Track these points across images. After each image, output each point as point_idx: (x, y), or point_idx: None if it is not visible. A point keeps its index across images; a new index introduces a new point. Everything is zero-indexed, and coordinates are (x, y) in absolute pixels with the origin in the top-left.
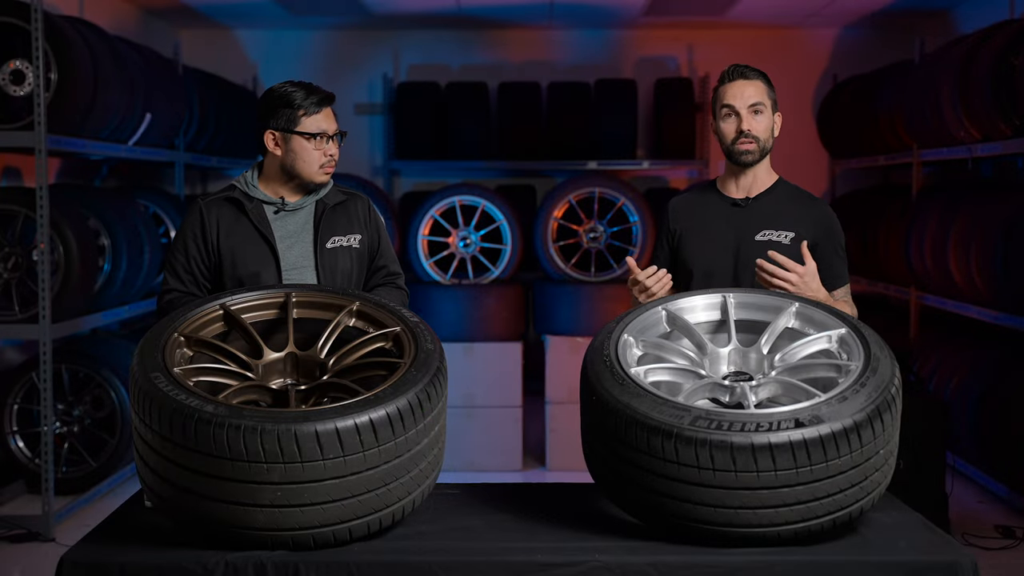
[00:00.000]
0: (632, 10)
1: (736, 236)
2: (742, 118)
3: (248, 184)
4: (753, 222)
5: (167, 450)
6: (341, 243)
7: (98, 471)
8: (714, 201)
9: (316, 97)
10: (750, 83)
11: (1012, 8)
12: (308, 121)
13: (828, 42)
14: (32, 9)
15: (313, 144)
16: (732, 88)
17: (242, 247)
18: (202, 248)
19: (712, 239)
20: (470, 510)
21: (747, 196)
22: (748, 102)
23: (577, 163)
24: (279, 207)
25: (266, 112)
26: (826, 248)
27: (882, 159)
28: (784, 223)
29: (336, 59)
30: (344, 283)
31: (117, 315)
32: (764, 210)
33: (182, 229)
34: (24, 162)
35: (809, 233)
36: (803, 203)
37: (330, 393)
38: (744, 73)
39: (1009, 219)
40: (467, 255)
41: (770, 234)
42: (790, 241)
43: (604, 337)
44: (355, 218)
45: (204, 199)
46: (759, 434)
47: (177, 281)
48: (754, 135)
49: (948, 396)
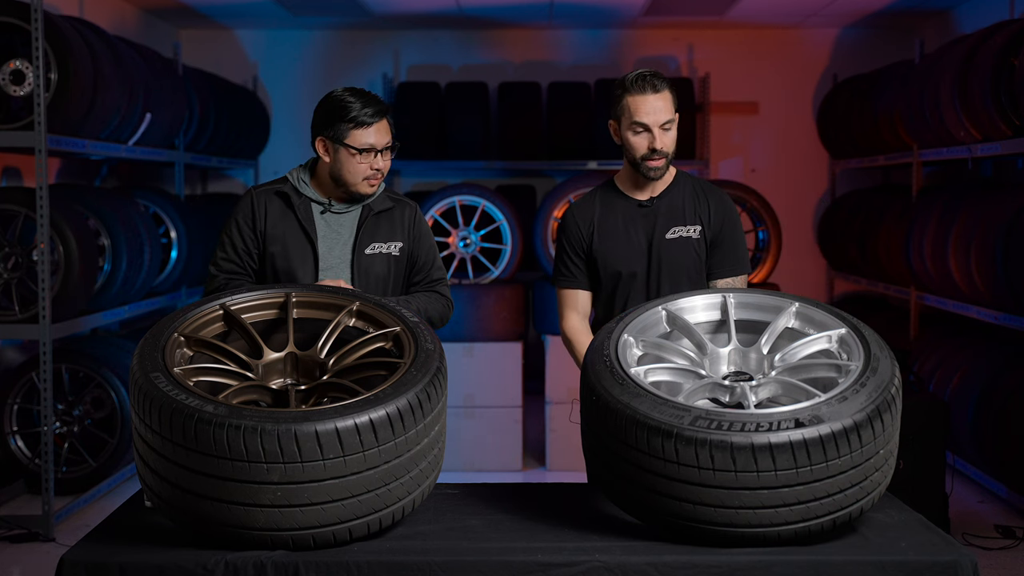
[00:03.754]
0: (632, 10)
1: (647, 236)
2: (655, 136)
3: (299, 180)
4: (661, 221)
5: (167, 450)
6: (381, 249)
7: (98, 471)
8: (620, 204)
9: (370, 110)
10: (660, 96)
11: (1012, 8)
12: (357, 134)
13: (828, 42)
14: (32, 9)
15: (359, 157)
16: (644, 104)
17: (284, 240)
18: (251, 235)
19: (627, 241)
20: (470, 510)
21: (651, 196)
22: (661, 120)
23: (577, 163)
24: (326, 207)
25: (321, 118)
26: (730, 236)
27: (882, 159)
28: (689, 218)
29: (336, 59)
30: (378, 288)
31: (117, 315)
32: (670, 207)
33: (232, 216)
34: (24, 162)
35: (714, 224)
36: (703, 195)
37: (330, 393)
38: (655, 85)
39: (1009, 219)
40: (467, 255)
41: (680, 230)
42: (699, 234)
43: (604, 337)
44: (399, 226)
45: (256, 188)
46: (759, 434)
47: (228, 264)
48: (664, 151)
49: (948, 396)
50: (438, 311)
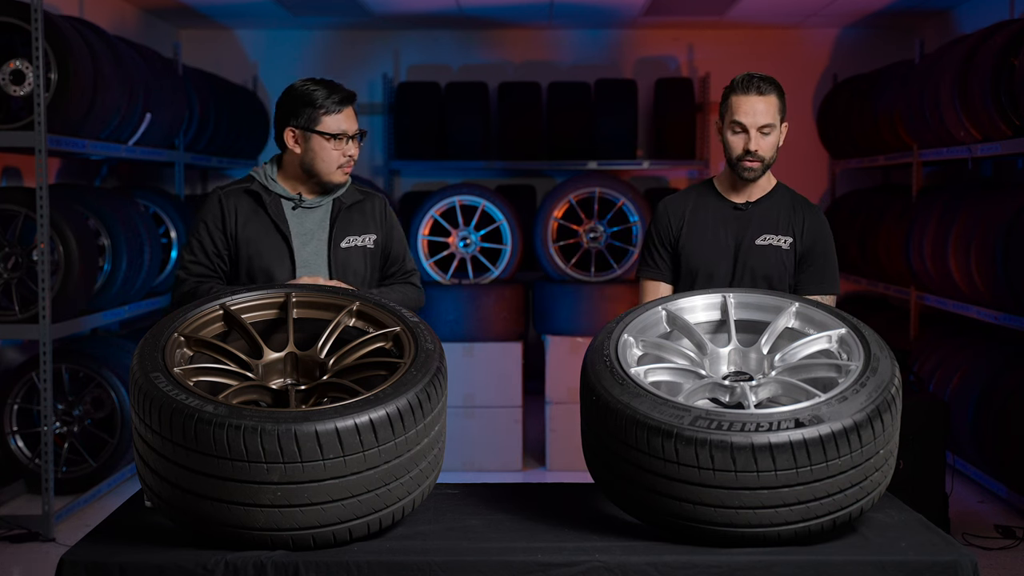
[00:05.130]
0: (632, 10)
1: (736, 239)
2: (751, 137)
3: (267, 177)
4: (754, 226)
5: (167, 450)
6: (356, 243)
7: (98, 471)
8: (714, 203)
9: (337, 96)
10: (763, 99)
11: (1012, 8)
12: (328, 120)
13: (828, 42)
14: (32, 9)
15: (332, 144)
16: (745, 103)
17: (258, 239)
18: (220, 237)
19: (713, 241)
20: (470, 510)
21: (747, 201)
22: (759, 122)
23: (577, 163)
24: (296, 203)
25: (287, 109)
26: (821, 254)
27: (882, 159)
28: (783, 228)
29: (336, 59)
30: (355, 282)
31: (117, 315)
32: (764, 215)
33: (200, 219)
34: (24, 162)
35: (807, 239)
36: (801, 209)
37: (330, 393)
38: (760, 88)
39: (1009, 219)
40: (467, 255)
41: (770, 238)
42: (788, 246)
43: (604, 337)
44: (371, 218)
45: (222, 189)
46: (759, 434)
47: (198, 267)
48: (760, 155)
49: (948, 396)
50: (414, 302)
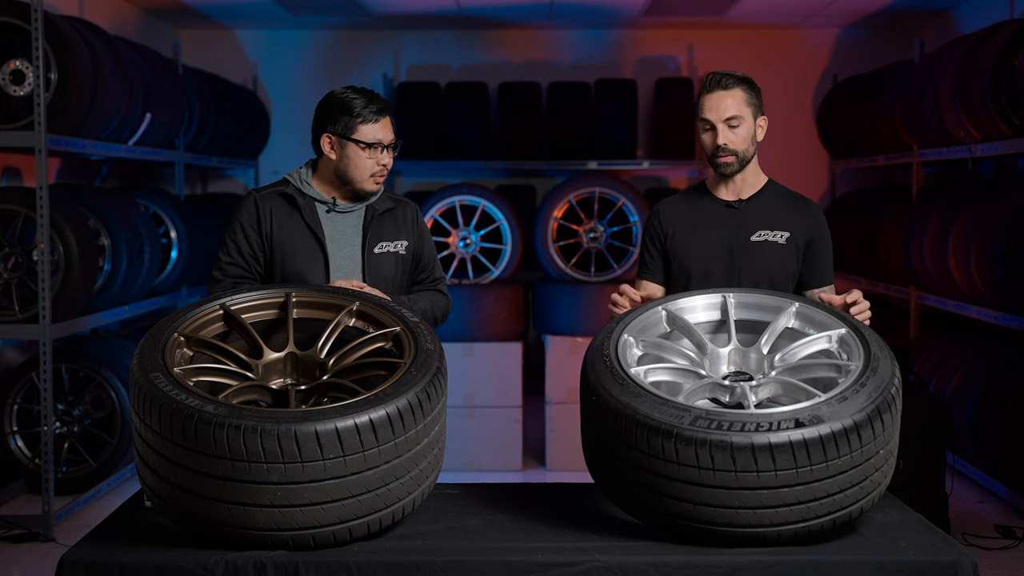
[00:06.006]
0: (632, 10)
1: (731, 237)
2: (718, 132)
3: (302, 181)
4: (747, 223)
5: (167, 450)
6: (388, 248)
7: (98, 471)
8: (706, 203)
9: (376, 106)
10: (728, 93)
11: (1012, 8)
12: (365, 129)
13: (828, 42)
14: (32, 9)
15: (367, 153)
16: (710, 100)
17: (293, 242)
18: (256, 239)
19: (707, 240)
20: (470, 510)
21: (739, 198)
22: (724, 115)
23: (577, 163)
24: (330, 207)
25: (325, 115)
26: (819, 248)
27: (882, 159)
28: (779, 223)
29: (336, 59)
30: (386, 288)
31: (117, 315)
32: (758, 211)
33: (235, 220)
34: (24, 162)
35: (804, 233)
36: (795, 204)
37: (330, 393)
38: (723, 83)
39: (1009, 219)
40: (467, 255)
41: (765, 234)
42: (785, 241)
43: (604, 337)
44: (403, 225)
45: (257, 192)
46: (759, 434)
47: (234, 268)
48: (731, 149)
49: (948, 396)
50: (442, 310)
